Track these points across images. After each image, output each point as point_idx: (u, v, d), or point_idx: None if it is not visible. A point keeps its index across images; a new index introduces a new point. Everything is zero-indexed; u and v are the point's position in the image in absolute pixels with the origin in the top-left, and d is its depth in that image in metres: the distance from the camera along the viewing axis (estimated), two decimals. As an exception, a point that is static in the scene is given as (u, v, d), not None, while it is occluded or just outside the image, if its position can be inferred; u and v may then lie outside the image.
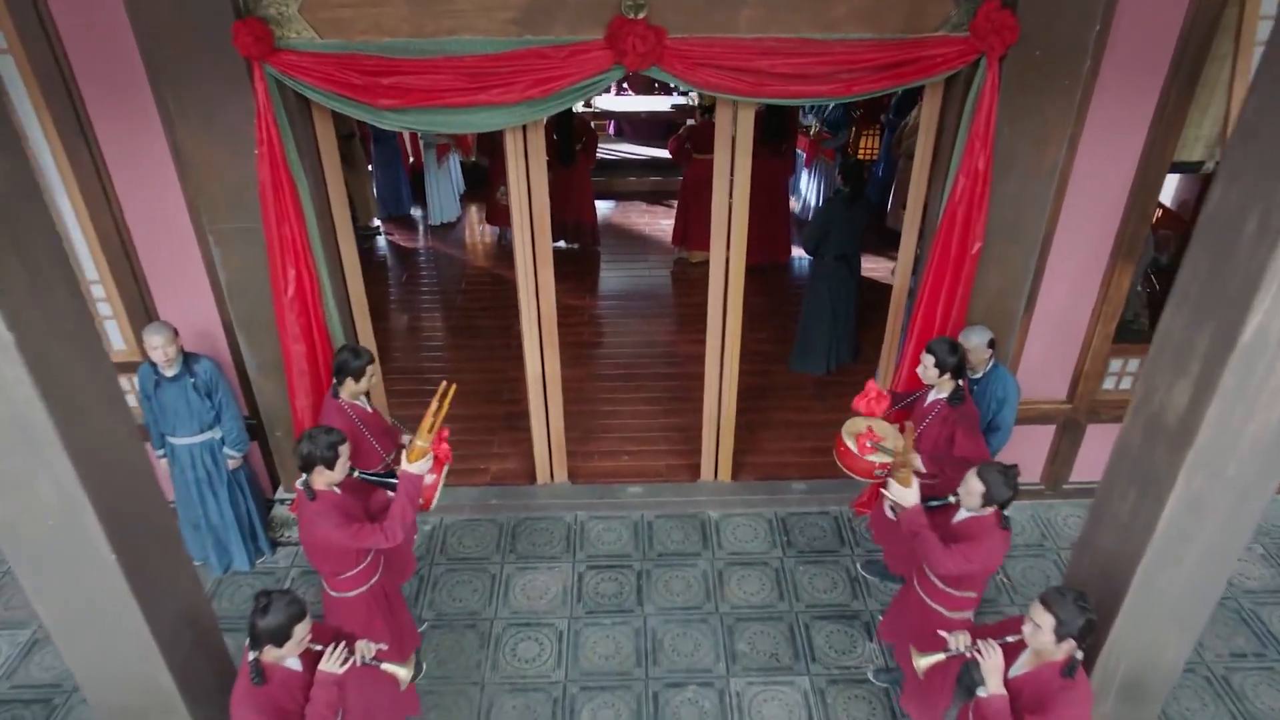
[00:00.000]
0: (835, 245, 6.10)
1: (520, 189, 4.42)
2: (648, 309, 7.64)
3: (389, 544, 3.39)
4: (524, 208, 4.47)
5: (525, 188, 4.41)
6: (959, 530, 3.49)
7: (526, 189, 4.42)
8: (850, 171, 5.93)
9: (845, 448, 4.09)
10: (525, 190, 4.43)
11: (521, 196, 4.44)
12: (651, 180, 9.67)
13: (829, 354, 6.55)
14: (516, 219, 4.49)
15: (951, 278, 4.30)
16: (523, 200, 4.45)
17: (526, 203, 4.46)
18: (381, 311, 7.57)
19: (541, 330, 4.85)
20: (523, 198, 4.44)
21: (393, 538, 3.35)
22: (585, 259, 8.43)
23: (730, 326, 4.87)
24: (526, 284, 4.69)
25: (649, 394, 6.45)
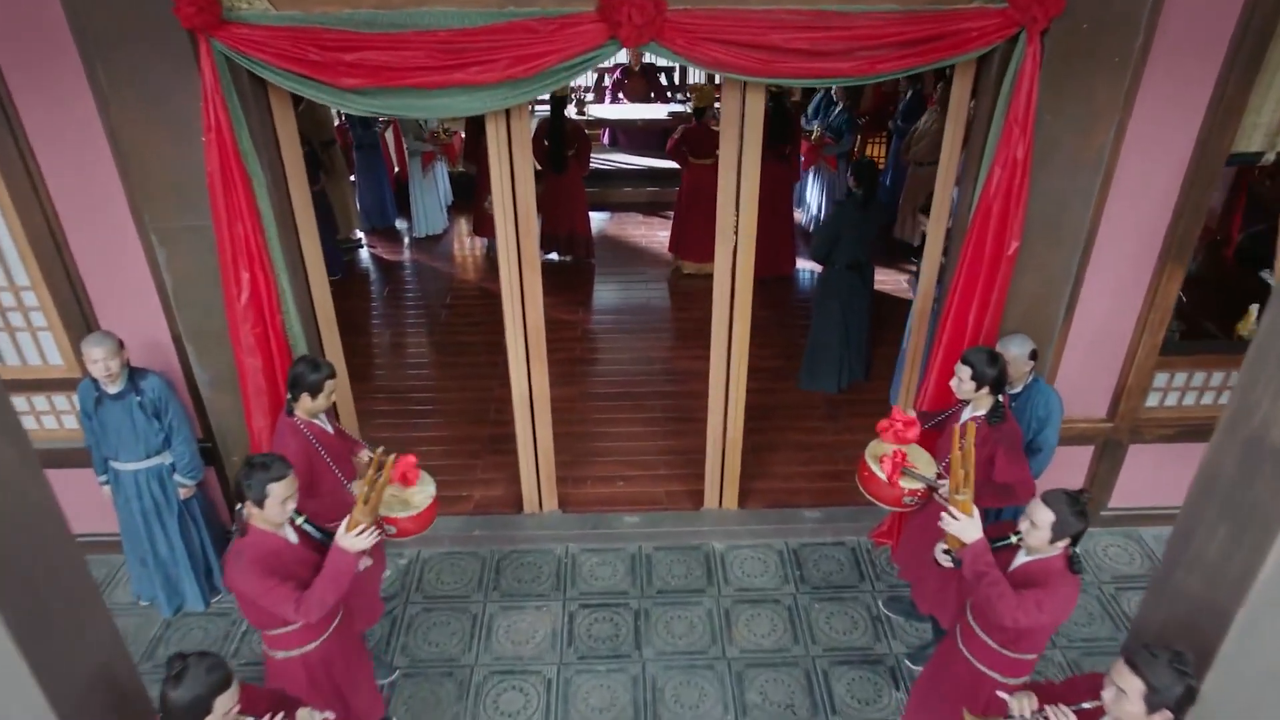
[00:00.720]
0: (847, 253, 5.66)
1: (503, 184, 3.97)
2: (644, 324, 7.19)
3: (300, 620, 2.87)
4: (507, 205, 4.02)
5: (509, 183, 3.97)
6: (1023, 577, 2.92)
7: (510, 184, 3.97)
8: (863, 172, 5.50)
9: (870, 473, 3.62)
10: (509, 186, 3.98)
11: (505, 193, 3.99)
12: (648, 190, 9.26)
13: (840, 370, 6.09)
14: (500, 217, 4.03)
15: (985, 282, 3.85)
16: (506, 197, 4.00)
17: (510, 200, 4.00)
18: (362, 327, 7.11)
19: (528, 343, 4.39)
20: (506, 194, 3.99)
21: (305, 614, 2.82)
22: (578, 272, 7.99)
23: (737, 342, 4.42)
24: (511, 292, 4.23)
25: (647, 414, 5.98)
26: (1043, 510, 2.80)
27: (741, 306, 4.33)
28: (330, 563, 2.89)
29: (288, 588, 2.82)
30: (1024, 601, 2.80)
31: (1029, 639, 2.94)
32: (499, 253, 4.13)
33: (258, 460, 2.80)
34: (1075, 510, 2.79)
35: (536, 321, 4.32)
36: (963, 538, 2.94)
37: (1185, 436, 4.58)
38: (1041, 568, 2.88)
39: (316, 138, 7.43)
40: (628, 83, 9.67)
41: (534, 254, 4.14)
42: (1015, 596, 2.79)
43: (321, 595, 2.84)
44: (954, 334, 4.02)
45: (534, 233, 4.09)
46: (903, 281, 7.68)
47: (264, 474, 2.79)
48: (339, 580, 2.88)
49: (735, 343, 4.44)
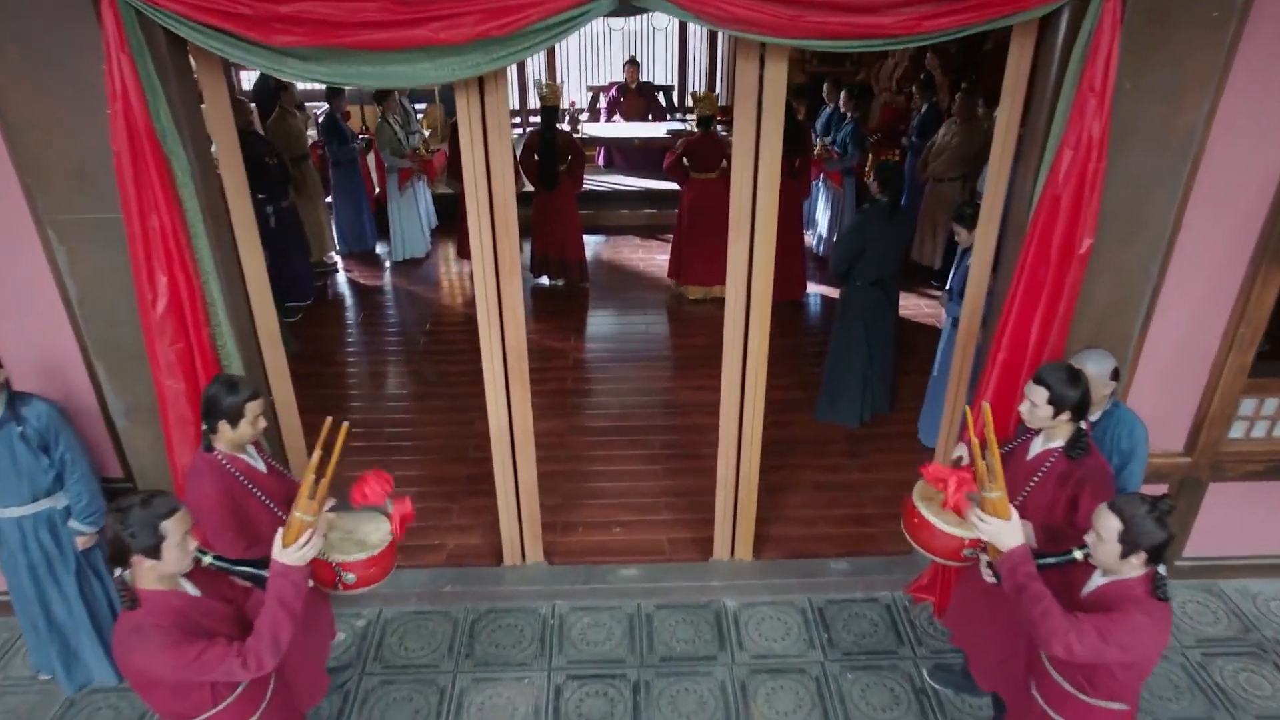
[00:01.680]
0: (871, 268, 5.04)
1: (476, 173, 3.34)
2: (642, 352, 6.54)
3: (253, 673, 2.22)
4: (481, 200, 3.40)
5: (483, 173, 3.34)
6: (1098, 601, 2.41)
7: (485, 175, 3.35)
8: (888, 176, 4.91)
9: (921, 520, 2.94)
10: (483, 176, 3.35)
11: (478, 184, 3.36)
12: (645, 213, 8.69)
13: (863, 402, 5.43)
14: (473, 215, 3.40)
15: (1051, 288, 3.21)
16: (479, 190, 3.37)
17: (485, 194, 3.38)
18: (332, 356, 6.46)
19: (507, 365, 3.73)
20: (480, 186, 3.37)
21: (258, 664, 2.18)
22: (571, 297, 7.37)
23: (753, 368, 3.77)
24: (487, 304, 3.58)
25: (646, 451, 5.30)
26: (1108, 517, 2.31)
27: (759, 324, 3.69)
28: (274, 589, 2.27)
29: (221, 645, 2.19)
30: (1079, 626, 2.28)
31: (1109, 681, 2.41)
32: (472, 257, 3.50)
33: (132, 501, 2.14)
34: (1153, 517, 2.27)
35: (517, 339, 3.67)
36: (998, 544, 2.46)
37: (1277, 474, 3.92)
38: (1119, 591, 2.36)
39: (288, 152, 6.85)
40: (624, 101, 9.17)
41: (513, 258, 3.50)
42: (1067, 619, 2.29)
43: (273, 633, 2.23)
44: (1012, 352, 3.38)
45: (512, 234, 3.46)
46: (923, 306, 7.06)
47: (147, 512, 2.13)
48: (290, 606, 2.27)
49: (751, 369, 3.80)
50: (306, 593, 2.35)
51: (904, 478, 5.14)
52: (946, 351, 4.99)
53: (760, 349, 3.72)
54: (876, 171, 4.97)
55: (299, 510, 2.31)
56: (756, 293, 3.62)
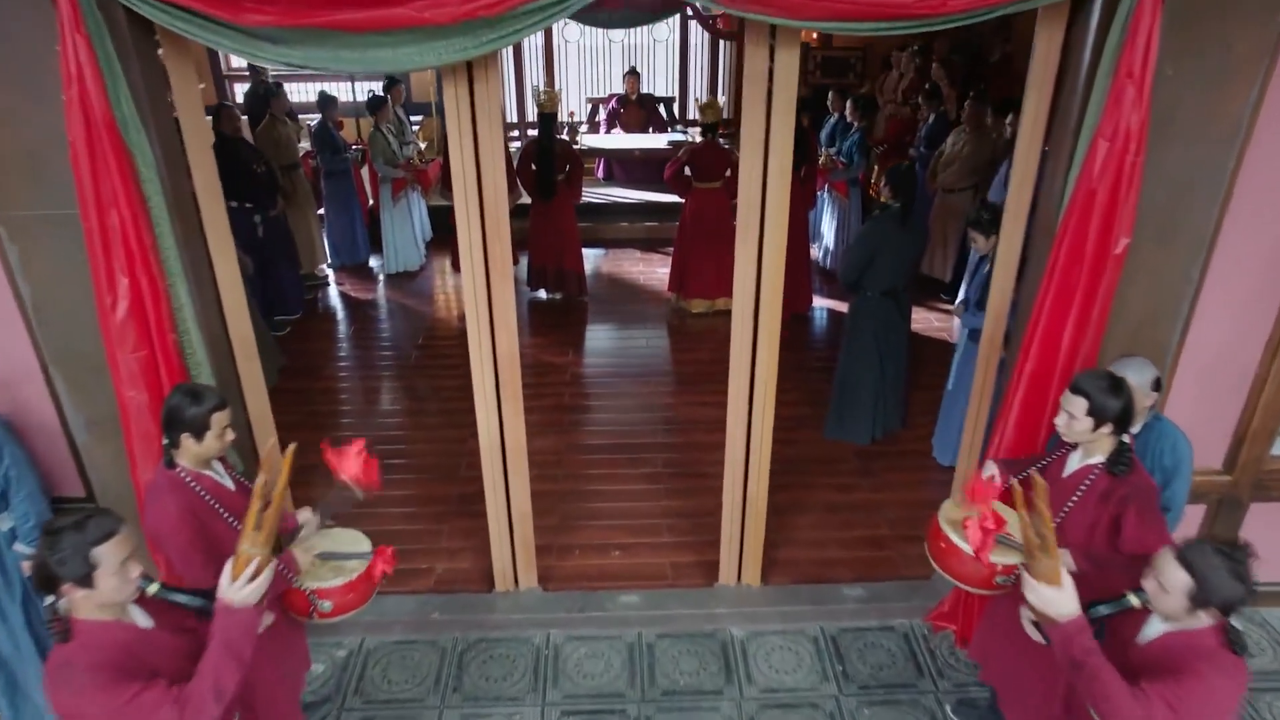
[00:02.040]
0: (882, 277, 4.81)
1: (465, 165, 3.11)
2: (643, 367, 6.29)
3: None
4: (470, 195, 3.16)
5: (473, 164, 3.11)
6: (1158, 654, 2.13)
7: (475, 167, 3.12)
8: (901, 180, 4.69)
9: (949, 545, 2.70)
10: (473, 169, 3.12)
11: (466, 178, 3.13)
12: (646, 226, 8.48)
13: (874, 418, 5.18)
14: (461, 209, 3.17)
15: (1084, 292, 2.98)
16: (467, 184, 3.14)
17: (475, 187, 3.15)
18: (320, 370, 6.21)
19: (499, 375, 3.49)
20: (467, 179, 3.14)
21: (197, 713, 1.92)
22: (570, 311, 7.13)
23: (762, 380, 3.54)
24: (476, 308, 3.34)
25: (647, 469, 5.05)
26: (1174, 570, 2.02)
27: (768, 332, 3.45)
28: (219, 629, 2.03)
29: (158, 688, 1.92)
30: (1147, 703, 1.99)
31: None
32: (460, 257, 3.26)
33: (65, 524, 1.89)
34: (1229, 570, 1.98)
35: (509, 348, 3.43)
36: (1052, 613, 2.15)
37: (1323, 493, 3.67)
38: (1185, 643, 2.08)
39: (278, 160, 6.65)
40: (624, 113, 8.99)
41: (505, 259, 3.27)
42: (1131, 696, 2.00)
43: (215, 678, 1.97)
44: (1040, 362, 3.14)
45: (504, 233, 3.23)
46: (933, 320, 6.82)
47: (79, 537, 1.89)
48: (236, 650, 2.02)
49: (759, 382, 3.56)
50: (256, 636, 2.09)
51: (919, 497, 4.90)
52: (963, 364, 4.75)
53: (769, 359, 3.48)
54: (888, 176, 4.75)
55: (244, 543, 2.06)
56: (766, 298, 3.38)
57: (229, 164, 6.08)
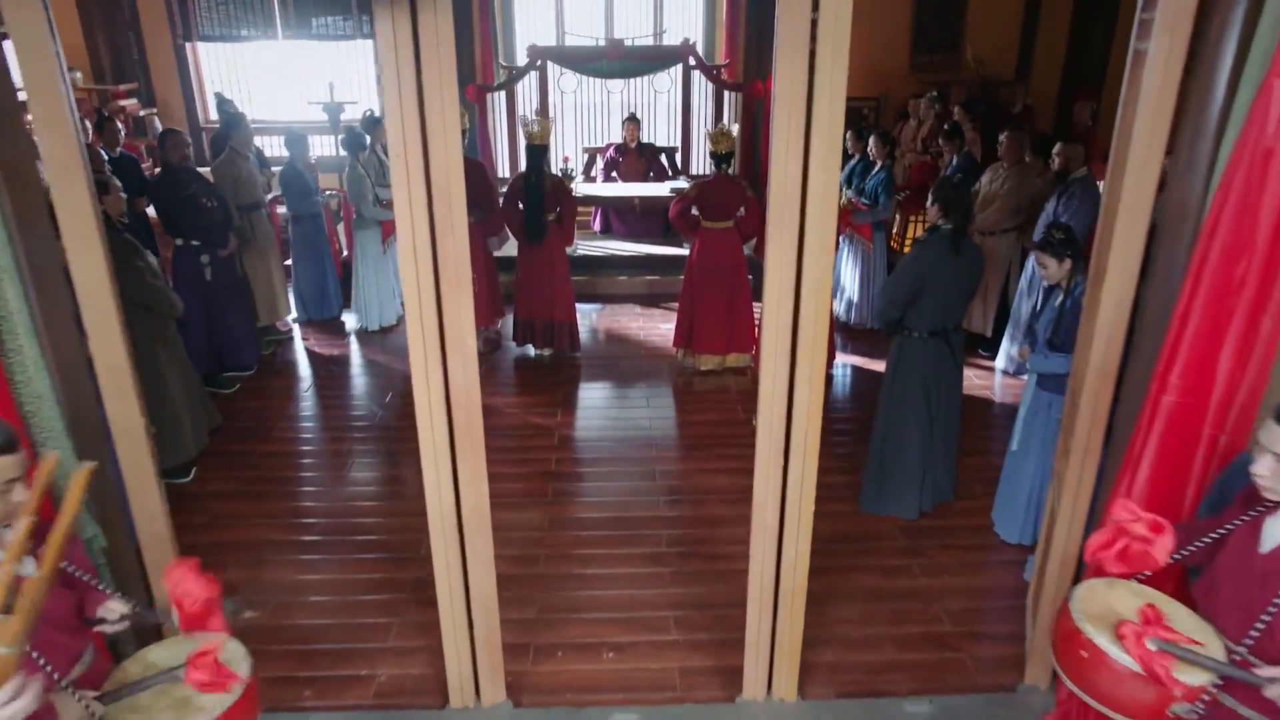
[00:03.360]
0: (931, 314, 4.01)
1: (406, 128, 2.33)
2: (643, 430, 5.44)
3: None
4: (413, 160, 2.36)
5: (417, 118, 2.32)
6: None
7: (418, 125, 2.33)
8: (952, 196, 3.93)
9: (1098, 653, 1.82)
10: (416, 129, 2.33)
11: (409, 133, 2.34)
12: (647, 280, 7.75)
13: (921, 487, 4.30)
14: (401, 187, 2.37)
15: (1253, 298, 2.17)
16: (409, 140, 2.34)
17: (419, 155, 2.35)
18: (266, 431, 5.35)
19: (453, 419, 2.64)
20: (409, 135, 2.34)
21: None
22: (560, 368, 6.31)
23: (801, 439, 2.68)
24: (422, 320, 2.51)
25: (648, 548, 4.15)
26: None
27: (810, 369, 2.61)
28: None
29: None
30: None
31: None
32: (400, 253, 2.46)
33: None
34: None
35: (466, 380, 2.59)
36: None
37: None
38: None
39: (237, 199, 5.95)
40: (623, 162, 8.38)
41: (460, 259, 2.46)
42: None
43: None
44: (1188, 393, 2.30)
45: (460, 227, 2.43)
46: (973, 378, 6.00)
47: None
48: None
49: (798, 432, 2.70)
50: None
51: (984, 583, 3.96)
52: (1031, 418, 3.92)
53: (811, 405, 2.63)
54: (935, 191, 4.00)
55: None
56: (807, 324, 2.56)
57: (172, 196, 5.40)
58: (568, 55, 8.65)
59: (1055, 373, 3.73)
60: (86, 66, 9.00)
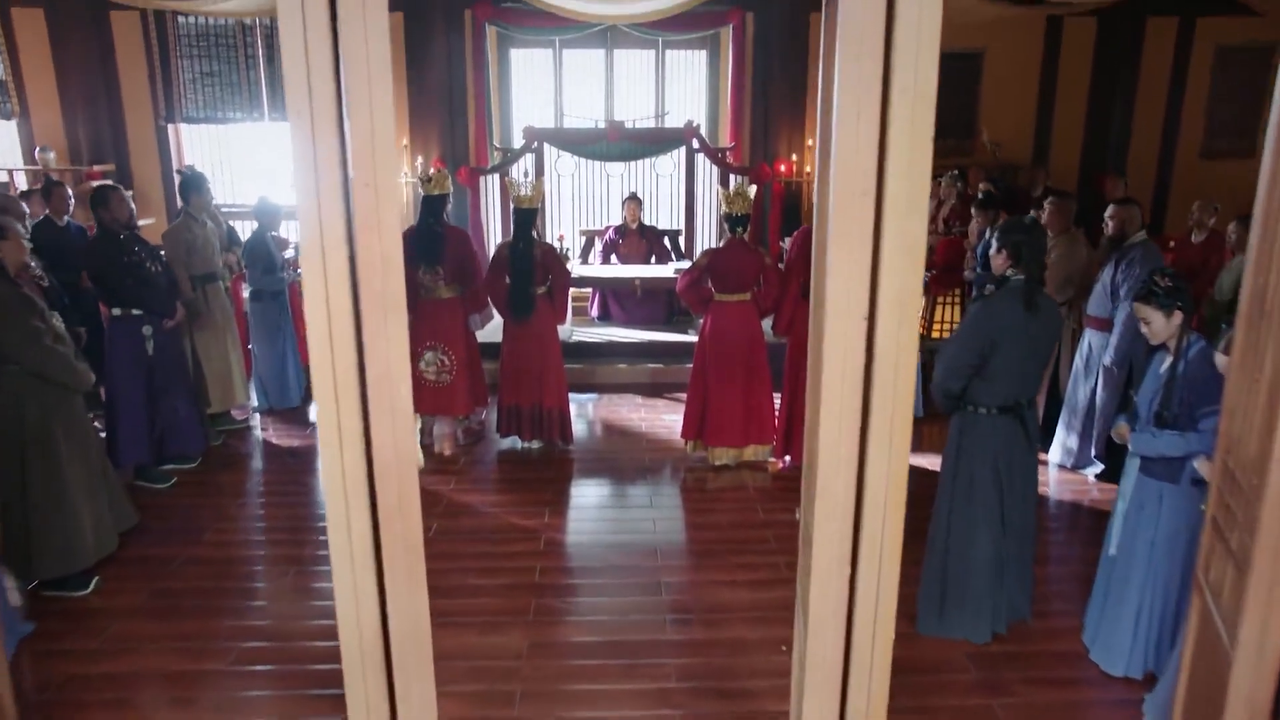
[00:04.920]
0: (1003, 384, 3.27)
1: (312, 75, 1.64)
2: (646, 535, 4.60)
3: None
4: (323, 131, 1.66)
5: (329, 71, 1.64)
6: None
7: (333, 79, 1.64)
8: (1024, 241, 3.24)
9: None
10: (330, 86, 1.64)
11: (315, 102, 1.65)
12: (650, 369, 7.02)
13: (995, 603, 3.44)
14: (306, 169, 1.65)
15: None
16: (314, 110, 1.65)
17: (332, 98, 1.65)
18: (202, 535, 4.50)
19: (376, 502, 1.84)
20: (314, 105, 1.65)
21: None
22: (549, 462, 5.50)
23: (874, 554, 1.89)
24: (331, 338, 1.75)
25: (651, 681, 3.26)
26: None
27: (891, 440, 1.84)
28: None
29: None
30: None
31: None
32: (303, 257, 1.72)
33: None
34: None
35: (399, 447, 1.80)
36: None
37: None
38: None
39: (191, 268, 5.31)
40: (623, 243, 7.80)
41: (390, 264, 1.72)
42: None
43: None
44: None
45: (390, 216, 1.70)
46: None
47: None
48: None
49: (871, 537, 1.90)
50: None
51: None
52: (1135, 515, 3.13)
53: (893, 483, 1.84)
54: (1003, 232, 3.31)
55: None
56: (885, 364, 1.80)
57: (111, 260, 4.74)
58: (566, 137, 8.25)
59: (1168, 455, 2.96)
60: (63, 146, 8.63)
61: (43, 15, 8.39)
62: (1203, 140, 9.15)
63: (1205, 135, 9.14)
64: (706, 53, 8.72)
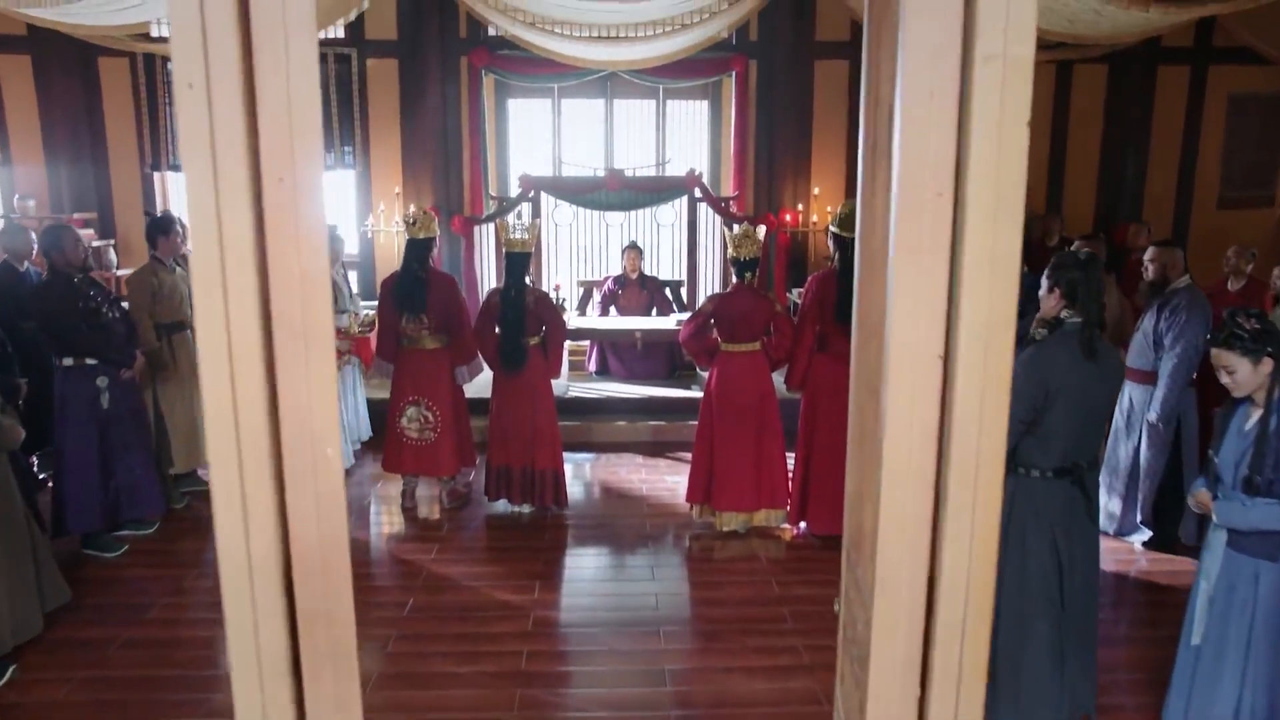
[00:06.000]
0: (1060, 442, 2.83)
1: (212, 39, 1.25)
2: (648, 611, 4.11)
3: None
4: (227, 113, 1.27)
5: (234, 46, 1.25)
6: None
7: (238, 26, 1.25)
8: (1079, 280, 2.84)
9: None
10: (233, 63, 1.25)
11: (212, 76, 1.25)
12: (651, 426, 6.59)
13: (1061, 694, 2.95)
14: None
15: None
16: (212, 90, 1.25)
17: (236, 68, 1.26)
18: (148, 612, 4.01)
19: (294, 597, 1.39)
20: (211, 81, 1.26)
21: None
22: (541, 529, 5.03)
23: (951, 665, 1.44)
24: (233, 380, 1.32)
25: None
26: None
27: (974, 512, 1.40)
28: None
29: None
30: None
31: None
32: (193, 268, 1.31)
33: None
34: None
35: (323, 524, 1.36)
36: None
37: None
38: None
39: (157, 316, 4.92)
40: (622, 295, 7.44)
41: (314, 280, 1.30)
42: None
43: None
44: None
45: (313, 229, 1.29)
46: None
47: None
48: None
49: (947, 649, 1.45)
50: None
51: None
52: (1226, 597, 2.67)
53: (980, 564, 1.40)
54: (1055, 273, 2.90)
55: None
56: (966, 409, 1.37)
57: (61, 303, 4.32)
58: (563, 186, 7.97)
59: (1263, 529, 2.52)
60: (45, 194, 8.34)
61: (29, 62, 8.18)
62: (1219, 189, 8.90)
63: (1221, 184, 8.89)
64: (708, 102, 8.50)
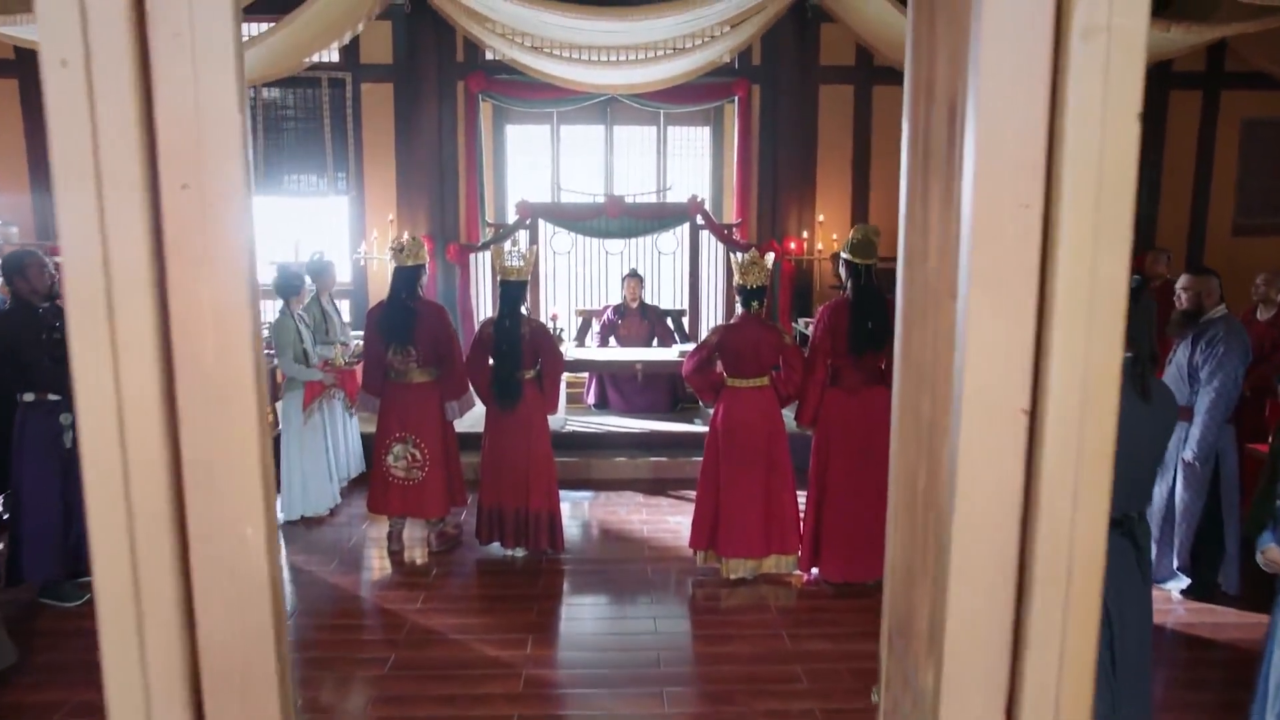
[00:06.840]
0: (1111, 493, 2.55)
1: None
2: (649, 667, 3.80)
3: None
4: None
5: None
6: None
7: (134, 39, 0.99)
8: (1129, 312, 2.59)
9: None
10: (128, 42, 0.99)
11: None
12: (652, 462, 6.30)
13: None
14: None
15: None
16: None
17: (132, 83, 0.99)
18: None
19: (202, 701, 1.09)
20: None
21: None
22: (535, 574, 4.72)
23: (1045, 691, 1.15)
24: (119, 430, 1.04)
25: None
26: None
27: (1063, 620, 1.12)
28: None
29: None
30: None
31: None
32: (68, 303, 1.04)
33: None
34: None
35: (250, 622, 1.08)
36: None
37: None
38: None
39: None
40: (622, 324, 7.18)
41: (233, 319, 1.02)
42: None
43: None
44: None
45: (240, 230, 1.03)
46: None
47: None
48: None
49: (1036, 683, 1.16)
50: None
51: None
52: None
53: (1078, 643, 1.12)
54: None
55: None
56: (1059, 493, 1.09)
57: (23, 334, 4.05)
58: (562, 212, 7.75)
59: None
60: (29, 222, 8.12)
61: (15, 86, 8.00)
62: (1233, 217, 8.69)
63: (1235, 212, 8.69)
64: (710, 128, 8.32)
